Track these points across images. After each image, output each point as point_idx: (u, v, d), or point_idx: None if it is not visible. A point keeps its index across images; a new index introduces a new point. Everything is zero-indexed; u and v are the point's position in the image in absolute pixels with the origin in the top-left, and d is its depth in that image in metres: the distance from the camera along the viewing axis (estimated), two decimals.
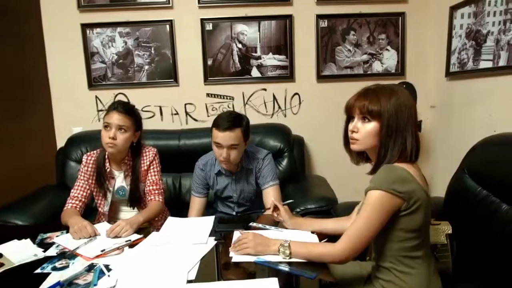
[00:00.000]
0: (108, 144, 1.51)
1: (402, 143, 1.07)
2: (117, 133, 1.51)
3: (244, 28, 2.43)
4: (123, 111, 1.54)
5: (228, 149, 1.61)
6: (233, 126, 1.61)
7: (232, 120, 1.62)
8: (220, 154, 1.63)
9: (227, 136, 1.59)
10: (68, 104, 2.49)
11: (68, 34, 2.40)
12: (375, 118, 1.07)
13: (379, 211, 1.03)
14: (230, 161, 1.65)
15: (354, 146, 1.14)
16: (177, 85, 2.47)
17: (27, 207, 1.93)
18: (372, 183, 1.06)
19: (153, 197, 1.62)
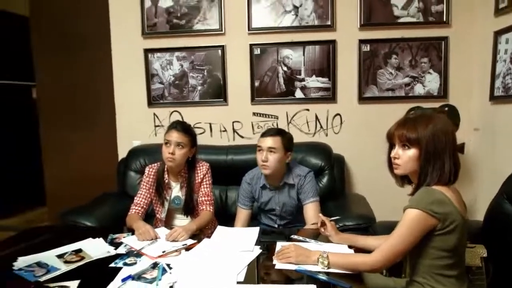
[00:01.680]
0: (168, 159, 1.73)
1: (441, 167, 1.16)
2: (175, 149, 1.73)
3: (289, 52, 2.60)
4: (181, 129, 1.76)
5: (267, 152, 1.78)
6: (275, 134, 1.82)
7: (275, 130, 1.87)
8: (260, 157, 1.82)
9: (267, 140, 1.80)
10: (129, 120, 2.79)
11: (132, 58, 2.71)
12: (414, 145, 1.18)
13: (414, 229, 1.13)
14: (268, 165, 1.80)
15: (397, 171, 1.25)
16: (226, 104, 2.68)
17: (94, 211, 2.18)
18: (410, 202, 1.16)
19: (205, 207, 1.81)
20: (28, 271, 1.27)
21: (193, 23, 2.63)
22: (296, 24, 2.57)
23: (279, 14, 2.56)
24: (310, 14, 2.55)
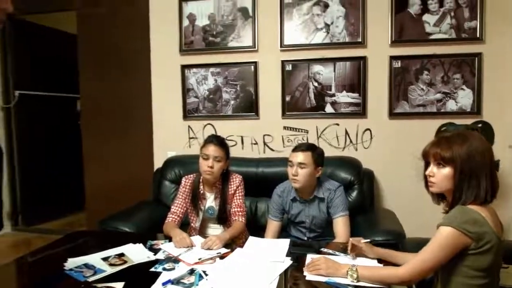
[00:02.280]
0: (207, 172, 1.83)
1: (476, 187, 1.17)
2: (214, 163, 1.83)
3: (320, 69, 2.66)
4: (218, 143, 1.86)
5: (297, 168, 1.84)
6: (306, 149, 1.88)
7: (306, 145, 1.93)
8: (290, 171, 1.88)
9: (297, 155, 1.86)
10: (165, 131, 2.93)
11: (170, 73, 2.87)
12: (449, 164, 1.20)
13: (446, 246, 1.14)
14: (298, 179, 1.85)
15: (432, 189, 1.28)
16: (257, 118, 2.78)
17: (131, 218, 2.30)
18: (444, 219, 1.17)
19: (237, 218, 1.89)
20: (78, 272, 1.39)
21: (228, 41, 2.76)
22: (327, 41, 2.63)
23: (310, 31, 2.64)
24: (341, 32, 2.61)
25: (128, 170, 3.24)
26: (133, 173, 3.21)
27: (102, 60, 3.24)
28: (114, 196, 3.30)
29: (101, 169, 3.36)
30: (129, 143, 3.23)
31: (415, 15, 2.54)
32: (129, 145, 3.23)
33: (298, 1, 2.64)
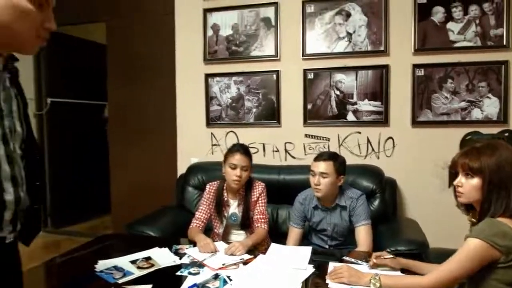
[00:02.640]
0: (235, 181, 1.89)
1: (506, 198, 1.16)
2: (242, 172, 1.89)
3: (342, 77, 2.68)
4: (244, 153, 1.91)
5: (320, 177, 1.85)
6: (328, 159, 1.89)
7: (327, 154, 1.94)
8: (313, 181, 1.89)
9: (319, 165, 1.87)
10: (189, 138, 3.01)
11: (194, 82, 2.95)
12: (477, 174, 1.20)
13: (473, 258, 1.14)
14: (320, 189, 1.87)
15: (460, 199, 1.28)
16: (279, 126, 2.81)
17: (156, 222, 2.37)
18: (473, 231, 1.17)
19: (260, 225, 1.92)
20: (108, 273, 1.45)
21: (251, 50, 2.82)
22: (349, 50, 2.65)
23: (332, 40, 2.67)
24: (364, 40, 2.62)
25: (152, 175, 3.34)
26: (157, 178, 3.30)
27: (129, 69, 3.36)
28: (138, 200, 3.40)
29: (127, 174, 3.48)
30: (153, 149, 3.32)
31: (439, 23, 2.52)
32: (153, 151, 3.32)
33: (320, 10, 2.68)
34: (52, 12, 0.92)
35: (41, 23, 0.89)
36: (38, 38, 0.91)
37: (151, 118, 3.31)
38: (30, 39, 0.89)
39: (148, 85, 3.28)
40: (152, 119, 3.31)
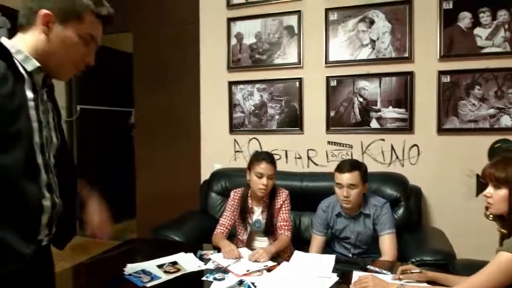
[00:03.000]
0: (261, 190, 1.91)
1: None
2: (268, 180, 1.91)
3: (365, 84, 2.67)
4: (270, 162, 1.94)
5: (348, 188, 1.85)
6: (352, 169, 1.87)
7: (352, 164, 1.91)
8: (341, 193, 1.88)
9: (346, 177, 1.85)
10: (212, 144, 3.06)
11: (217, 89, 3.00)
12: (504, 185, 1.19)
13: (505, 272, 1.12)
14: (350, 200, 1.87)
15: (489, 210, 1.27)
16: (301, 133, 2.82)
17: (180, 227, 2.42)
18: (505, 245, 1.15)
19: (283, 232, 1.94)
20: (137, 277, 1.50)
21: (274, 58, 2.85)
22: (373, 57, 2.64)
23: (355, 48, 2.67)
24: (387, 47, 2.61)
25: (176, 181, 3.41)
26: (180, 184, 3.37)
27: (155, 77, 3.46)
28: (162, 204, 3.48)
29: (152, 179, 3.56)
30: (178, 155, 3.40)
31: (466, 29, 2.48)
32: (178, 156, 3.40)
33: (343, 18, 2.68)
34: (95, 49, 1.01)
35: (82, 56, 1.00)
36: (74, 68, 1.02)
37: (176, 125, 3.39)
38: (69, 68, 1.01)
39: (173, 92, 3.37)
40: (176, 126, 3.39)
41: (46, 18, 0.92)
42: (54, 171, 1.02)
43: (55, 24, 0.93)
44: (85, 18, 0.96)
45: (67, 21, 0.94)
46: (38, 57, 0.94)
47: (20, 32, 0.96)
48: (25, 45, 0.93)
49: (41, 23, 0.92)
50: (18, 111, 0.87)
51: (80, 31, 0.96)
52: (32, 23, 0.94)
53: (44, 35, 0.93)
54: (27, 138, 0.89)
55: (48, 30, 0.93)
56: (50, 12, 0.92)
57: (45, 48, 0.94)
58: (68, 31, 0.95)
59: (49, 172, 0.98)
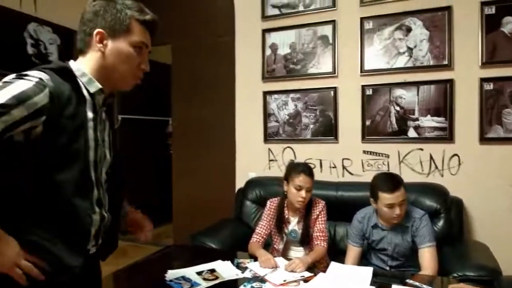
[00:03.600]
0: (299, 202, 1.93)
1: None
2: (306, 193, 1.93)
3: (402, 93, 2.62)
4: (309, 174, 1.95)
5: (400, 206, 1.82)
6: (399, 185, 1.83)
7: (395, 180, 1.86)
8: (393, 212, 1.82)
9: (397, 195, 1.80)
10: (247, 153, 3.11)
11: (252, 99, 3.06)
12: None
13: None
14: (402, 214, 1.83)
15: None
16: (336, 142, 2.81)
17: (217, 234, 2.48)
18: None
19: (319, 243, 1.94)
20: (177, 283, 1.56)
21: (308, 68, 2.87)
22: (410, 65, 2.60)
23: (392, 56, 2.63)
24: (425, 55, 2.56)
25: (211, 187, 3.49)
26: (216, 191, 3.45)
27: (192, 87, 3.58)
28: (198, 211, 3.57)
29: (188, 185, 3.67)
30: (213, 163, 3.48)
31: (510, 34, 2.38)
32: (213, 164, 3.48)
33: (379, 26, 2.66)
34: (148, 55, 1.08)
35: (138, 64, 1.05)
36: (135, 77, 1.08)
37: (211, 133, 3.48)
38: (129, 78, 1.07)
39: (209, 102, 3.46)
40: (212, 134, 3.48)
41: (99, 36, 0.99)
42: (104, 186, 1.08)
43: (108, 40, 1.00)
44: (132, 28, 1.02)
45: (117, 35, 1.01)
46: (100, 76, 1.01)
47: (81, 55, 1.04)
48: (87, 67, 1.01)
49: (96, 42, 1.00)
50: (79, 131, 0.93)
51: (131, 41, 1.02)
52: (89, 45, 1.02)
53: (100, 53, 1.00)
54: (83, 156, 0.95)
55: (103, 47, 1.00)
56: (102, 30, 0.99)
57: (104, 65, 1.01)
58: (120, 43, 1.01)
59: (100, 188, 1.04)
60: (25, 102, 0.79)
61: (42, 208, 0.89)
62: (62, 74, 0.92)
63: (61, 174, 0.90)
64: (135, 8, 1.03)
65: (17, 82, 0.82)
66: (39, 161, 0.86)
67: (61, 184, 0.90)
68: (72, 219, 0.94)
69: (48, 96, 0.84)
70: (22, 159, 0.84)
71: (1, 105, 0.76)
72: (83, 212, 0.96)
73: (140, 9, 1.04)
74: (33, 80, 0.83)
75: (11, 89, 0.79)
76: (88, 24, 1.00)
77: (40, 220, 0.89)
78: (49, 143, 0.86)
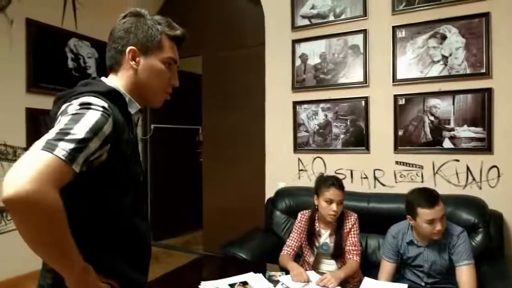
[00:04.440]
0: (331, 216, 1.92)
1: None
2: (338, 206, 1.93)
3: (437, 102, 2.55)
4: (339, 187, 1.94)
5: (441, 221, 1.77)
6: (438, 200, 1.78)
7: (434, 195, 1.81)
8: (434, 228, 1.76)
9: (438, 210, 1.76)
10: (276, 163, 3.12)
11: (282, 109, 3.07)
12: None
13: None
14: (442, 230, 1.78)
15: None
16: (367, 152, 2.77)
17: (247, 244, 2.49)
18: None
19: (352, 257, 1.92)
20: None
21: (338, 77, 2.85)
22: (445, 74, 2.53)
23: (426, 65, 2.57)
24: (461, 63, 2.48)
25: (241, 196, 3.53)
26: (245, 199, 3.48)
27: (222, 96, 3.65)
28: (227, 219, 3.62)
29: (217, 193, 3.73)
30: (242, 171, 3.52)
31: None
32: (242, 173, 3.52)
33: (412, 35, 2.61)
34: (177, 70, 1.09)
35: (168, 80, 1.05)
36: (165, 93, 1.07)
37: (241, 142, 3.52)
38: (160, 94, 1.06)
39: (239, 111, 3.52)
40: (242, 143, 3.52)
41: (132, 53, 0.98)
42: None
43: (140, 57, 0.99)
44: (163, 44, 1.01)
45: (149, 51, 1.00)
46: (133, 93, 1.01)
47: (112, 73, 1.03)
48: (121, 85, 1.00)
49: (129, 59, 0.99)
50: (132, 154, 0.95)
51: (162, 57, 1.01)
52: (120, 63, 1.00)
53: (133, 70, 0.99)
54: (138, 178, 0.98)
55: (136, 64, 0.99)
56: (134, 47, 0.98)
57: (137, 82, 1.00)
58: (152, 60, 1.00)
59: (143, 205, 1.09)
60: (98, 134, 0.79)
61: (109, 232, 0.91)
62: (111, 97, 0.92)
63: (123, 197, 0.92)
64: (165, 23, 1.03)
65: (88, 113, 0.81)
66: (102, 187, 0.88)
67: (124, 207, 0.92)
68: (137, 239, 0.98)
69: (112, 124, 0.84)
70: (86, 187, 0.85)
71: (82, 139, 0.76)
72: (144, 231, 1.00)
73: (169, 25, 1.04)
74: (99, 110, 0.83)
75: (85, 122, 0.79)
76: (119, 41, 1.00)
77: (108, 244, 0.91)
78: (111, 169, 0.87)
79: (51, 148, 0.72)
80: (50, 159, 0.71)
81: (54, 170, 0.71)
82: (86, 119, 0.79)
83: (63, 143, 0.74)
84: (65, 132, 0.76)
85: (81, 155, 0.76)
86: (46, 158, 0.71)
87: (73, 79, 3.27)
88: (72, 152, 0.74)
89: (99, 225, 0.89)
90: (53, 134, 0.75)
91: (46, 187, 0.69)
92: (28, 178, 0.68)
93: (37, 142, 0.75)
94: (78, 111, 0.82)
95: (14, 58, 2.93)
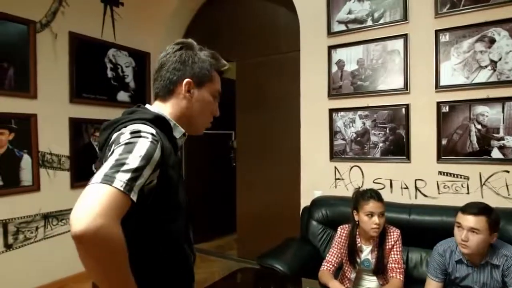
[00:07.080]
0: (374, 230, 1.87)
1: None
2: (379, 219, 1.87)
3: (484, 110, 2.42)
4: (378, 199, 1.90)
5: (468, 232, 1.68)
6: (479, 213, 1.70)
7: (478, 207, 1.73)
8: (459, 235, 1.72)
9: (468, 219, 1.69)
10: (312, 171, 3.07)
11: (318, 116, 3.01)
12: None
13: None
14: (468, 246, 1.69)
15: None
16: (408, 162, 2.67)
17: (283, 255, 2.46)
18: None
19: (395, 275, 1.85)
20: None
21: (377, 84, 2.76)
22: (494, 80, 2.38)
23: (472, 70, 2.44)
24: None
25: (275, 202, 3.51)
26: (280, 205, 3.46)
27: (256, 102, 3.64)
28: (262, 225, 3.61)
29: (252, 199, 3.73)
30: (277, 178, 3.50)
31: None
32: (277, 179, 3.50)
33: (457, 39, 2.48)
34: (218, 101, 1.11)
35: (211, 111, 1.09)
36: (208, 123, 1.12)
37: (276, 148, 3.50)
38: (205, 124, 1.11)
39: (273, 117, 3.50)
40: (276, 149, 3.50)
41: (188, 85, 1.02)
42: None
43: (195, 89, 1.03)
44: (214, 77, 1.06)
45: (203, 84, 1.04)
46: (181, 122, 1.04)
47: (159, 101, 1.06)
48: (168, 113, 1.03)
49: (185, 90, 1.02)
50: (179, 179, 0.96)
51: (212, 90, 1.06)
52: (172, 92, 1.03)
53: (186, 101, 1.03)
54: (185, 202, 0.99)
55: (190, 96, 1.03)
56: (190, 79, 1.02)
57: (187, 112, 1.04)
58: (204, 92, 1.04)
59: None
60: (150, 161, 0.81)
61: (161, 259, 0.93)
62: (158, 124, 0.94)
63: (173, 224, 0.94)
64: (213, 57, 1.06)
65: (139, 141, 0.83)
66: (153, 214, 0.89)
67: (174, 234, 0.94)
68: (184, 264, 0.99)
69: (160, 150, 0.86)
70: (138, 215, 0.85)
71: (136, 168, 0.78)
72: (190, 255, 1.01)
73: (217, 58, 1.07)
74: (149, 137, 0.85)
75: (138, 151, 0.81)
76: (175, 72, 1.02)
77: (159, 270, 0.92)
78: (161, 195, 0.88)
79: (110, 181, 0.74)
80: (111, 192, 0.73)
81: (116, 203, 0.73)
82: (138, 147, 0.81)
83: (120, 174, 0.76)
84: (121, 163, 0.77)
85: (137, 184, 0.77)
86: (108, 191, 0.73)
87: (112, 88, 3.37)
88: (129, 182, 0.76)
89: (151, 253, 0.91)
90: (109, 166, 0.77)
91: (112, 221, 0.72)
92: (95, 213, 0.70)
93: (95, 175, 0.77)
94: (129, 140, 0.84)
95: (58, 70, 3.06)
